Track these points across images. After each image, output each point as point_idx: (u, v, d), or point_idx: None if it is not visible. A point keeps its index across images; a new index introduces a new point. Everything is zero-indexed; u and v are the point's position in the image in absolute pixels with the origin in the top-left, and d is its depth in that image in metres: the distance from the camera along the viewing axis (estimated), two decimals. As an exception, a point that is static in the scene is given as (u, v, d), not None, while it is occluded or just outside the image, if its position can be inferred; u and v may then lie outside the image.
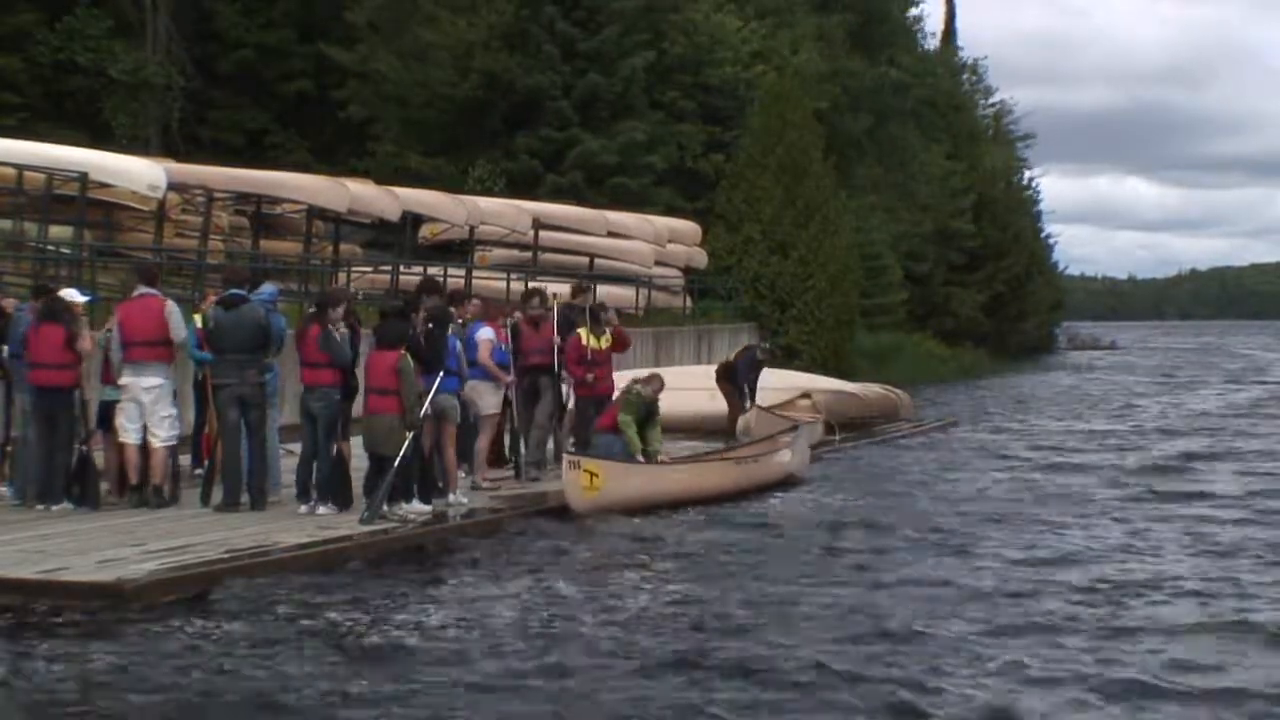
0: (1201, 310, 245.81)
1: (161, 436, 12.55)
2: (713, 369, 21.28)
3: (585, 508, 13.65)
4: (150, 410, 12.51)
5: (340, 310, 12.75)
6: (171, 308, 12.68)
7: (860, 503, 15.43)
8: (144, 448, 12.60)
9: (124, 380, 12.56)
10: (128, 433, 12.56)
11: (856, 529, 13.55)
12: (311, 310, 12.99)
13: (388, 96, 38.61)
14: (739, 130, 40.03)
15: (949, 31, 71.47)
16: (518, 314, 15.62)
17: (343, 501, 12.52)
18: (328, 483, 12.52)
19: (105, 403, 12.95)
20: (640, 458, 14.74)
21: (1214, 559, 12.27)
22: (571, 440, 15.42)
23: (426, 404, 12.48)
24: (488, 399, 14.44)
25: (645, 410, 15.02)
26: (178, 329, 12.60)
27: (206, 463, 13.37)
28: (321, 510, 12.38)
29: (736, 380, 19.99)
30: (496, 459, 15.85)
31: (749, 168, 37.90)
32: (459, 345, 13.27)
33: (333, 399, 12.50)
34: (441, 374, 12.74)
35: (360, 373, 12.78)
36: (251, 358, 12.59)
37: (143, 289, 12.89)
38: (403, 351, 12.29)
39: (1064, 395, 38.09)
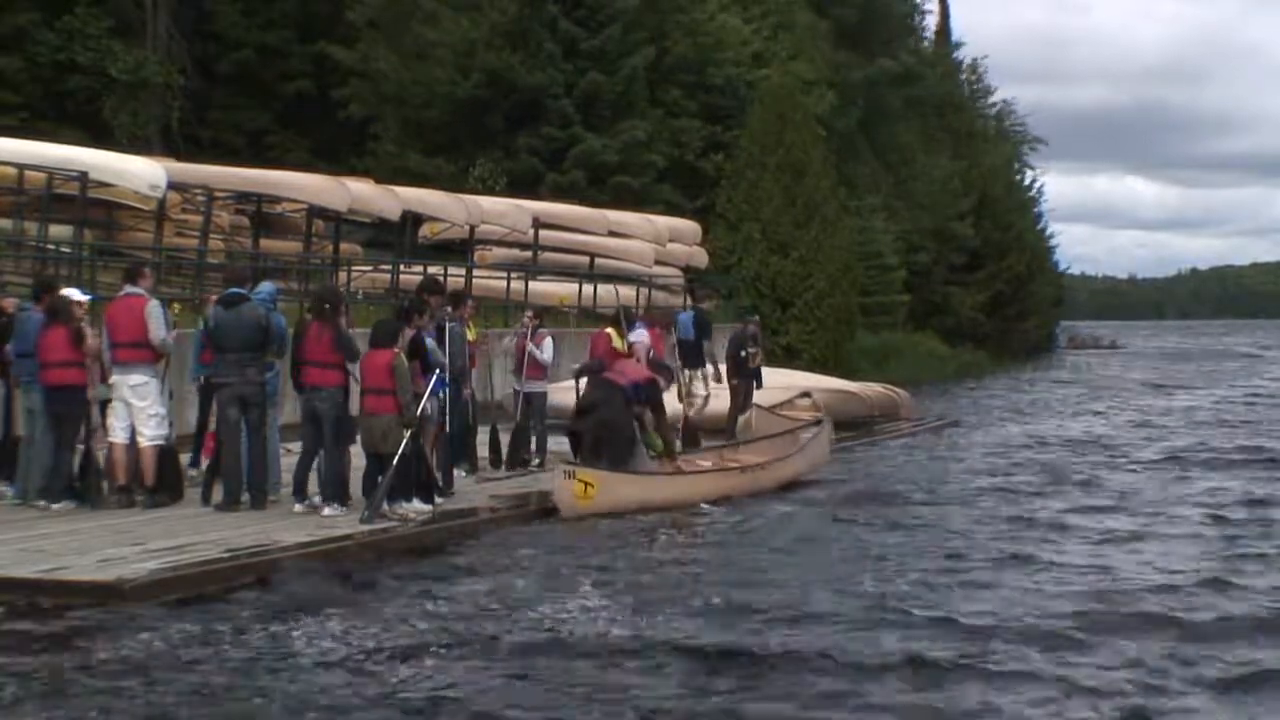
0: (1201, 310, 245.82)
1: (149, 435, 12.51)
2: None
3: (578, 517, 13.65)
4: (137, 409, 12.48)
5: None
6: (152, 307, 12.55)
7: (857, 503, 15.41)
8: (135, 447, 12.58)
9: (112, 379, 12.56)
10: (116, 432, 12.54)
11: (851, 530, 13.52)
12: (325, 308, 12.85)
13: (388, 96, 38.61)
14: (739, 130, 40.05)
15: (944, 31, 71.52)
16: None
17: (342, 501, 12.52)
18: (335, 483, 12.50)
19: (104, 401, 12.95)
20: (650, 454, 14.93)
21: (1212, 551, 12.26)
22: None
23: (424, 402, 12.47)
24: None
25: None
26: (156, 329, 12.46)
27: (208, 462, 13.37)
28: (328, 511, 12.32)
29: (733, 356, 19.48)
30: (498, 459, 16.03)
31: (749, 167, 37.93)
32: (430, 342, 13.25)
33: (339, 399, 12.49)
34: (436, 375, 12.77)
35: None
36: (252, 357, 12.57)
37: (128, 288, 12.85)
38: (397, 350, 12.29)
39: (1063, 396, 38.07)
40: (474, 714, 7.44)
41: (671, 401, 17.76)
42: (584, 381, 15.67)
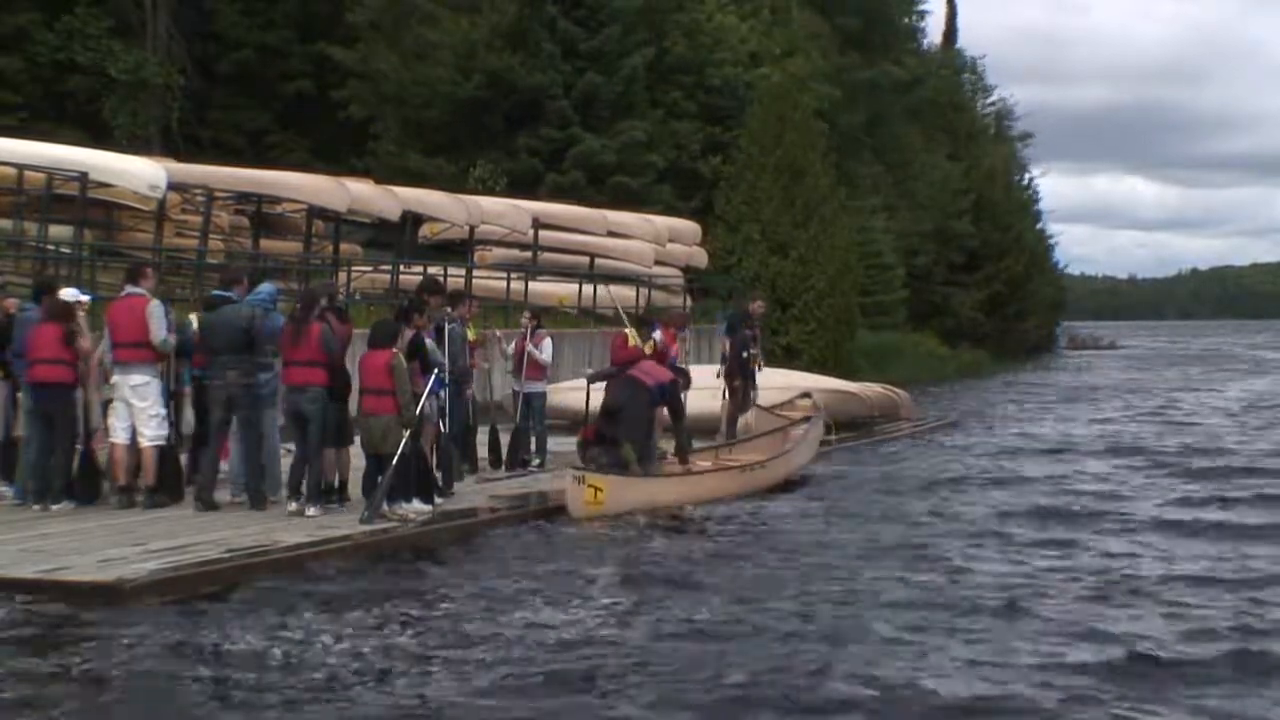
0: (1202, 310, 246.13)
1: (149, 435, 12.50)
2: (714, 368, 21.10)
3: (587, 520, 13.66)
4: (138, 409, 12.49)
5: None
6: (153, 308, 12.53)
7: (857, 504, 15.42)
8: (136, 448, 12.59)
9: (114, 379, 12.58)
10: (117, 432, 12.55)
11: (848, 532, 13.49)
12: (324, 304, 12.86)
13: (388, 96, 38.64)
14: (739, 130, 40.06)
15: (950, 32, 71.58)
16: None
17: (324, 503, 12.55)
18: (315, 484, 12.50)
19: (105, 401, 12.96)
20: (636, 467, 14.82)
21: (1216, 557, 12.28)
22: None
23: (424, 402, 12.49)
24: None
25: None
26: (156, 330, 12.44)
27: (224, 463, 13.38)
28: (310, 512, 12.26)
29: (735, 357, 19.58)
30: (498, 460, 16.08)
31: (749, 168, 37.94)
32: (429, 343, 13.26)
33: (324, 399, 12.48)
34: (434, 375, 12.79)
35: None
36: (238, 358, 12.58)
37: (129, 288, 12.86)
38: (395, 351, 12.30)
39: (1063, 397, 38.09)
40: (472, 716, 7.45)
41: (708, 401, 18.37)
42: (595, 386, 15.72)
